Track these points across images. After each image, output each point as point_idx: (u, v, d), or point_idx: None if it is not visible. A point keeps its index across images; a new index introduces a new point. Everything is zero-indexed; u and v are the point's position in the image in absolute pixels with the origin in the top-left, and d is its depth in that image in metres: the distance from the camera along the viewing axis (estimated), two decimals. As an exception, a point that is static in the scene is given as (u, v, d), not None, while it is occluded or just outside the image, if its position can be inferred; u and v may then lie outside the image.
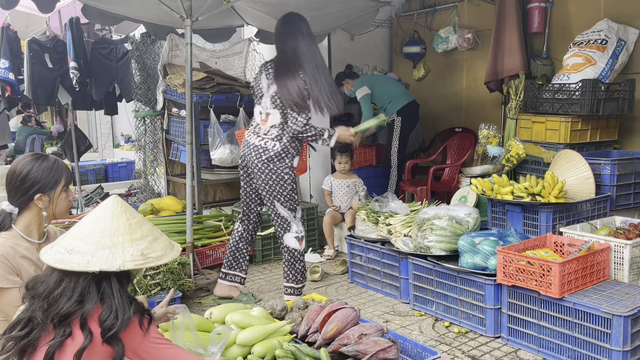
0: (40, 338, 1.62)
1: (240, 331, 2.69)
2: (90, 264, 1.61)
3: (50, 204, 2.21)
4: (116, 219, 1.69)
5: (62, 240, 1.68)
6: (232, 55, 5.99)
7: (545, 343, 2.98)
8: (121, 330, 1.63)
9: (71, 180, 2.30)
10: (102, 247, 1.64)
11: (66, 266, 1.60)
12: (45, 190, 2.18)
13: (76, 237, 1.66)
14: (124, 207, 1.73)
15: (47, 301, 1.62)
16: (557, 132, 4.25)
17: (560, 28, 5.06)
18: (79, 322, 1.61)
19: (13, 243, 2.18)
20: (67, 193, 2.28)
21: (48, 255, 1.64)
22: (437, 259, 3.53)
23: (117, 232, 1.67)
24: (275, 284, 4.34)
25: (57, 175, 2.20)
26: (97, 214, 1.72)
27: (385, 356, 2.56)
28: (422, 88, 6.63)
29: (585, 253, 3.03)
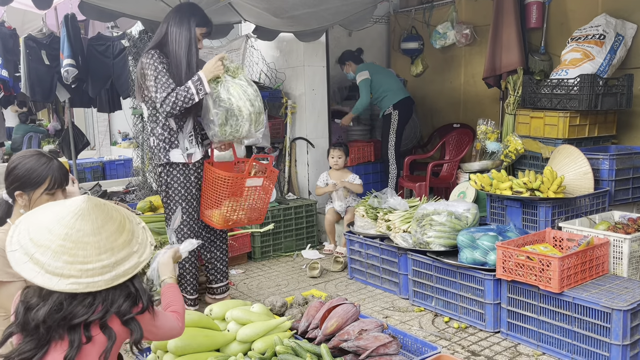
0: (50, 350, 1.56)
1: (241, 327, 2.69)
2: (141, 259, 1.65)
3: (29, 204, 2.13)
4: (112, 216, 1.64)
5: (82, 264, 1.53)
6: (230, 52, 5.96)
7: (544, 337, 2.99)
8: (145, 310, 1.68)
9: (61, 184, 2.19)
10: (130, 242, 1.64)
11: (127, 276, 1.60)
12: (25, 189, 2.12)
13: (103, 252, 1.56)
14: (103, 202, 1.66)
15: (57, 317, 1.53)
16: (556, 128, 4.25)
17: (558, 23, 5.05)
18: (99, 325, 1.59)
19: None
20: (52, 196, 2.16)
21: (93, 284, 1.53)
22: (436, 254, 3.53)
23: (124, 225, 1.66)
24: (275, 281, 4.34)
25: (39, 177, 2.12)
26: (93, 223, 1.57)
27: (385, 351, 2.56)
28: (420, 84, 6.62)
29: (585, 248, 3.04)
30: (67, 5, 5.61)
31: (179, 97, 3.19)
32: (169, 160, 3.35)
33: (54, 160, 2.20)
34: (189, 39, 3.30)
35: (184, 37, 3.29)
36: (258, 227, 4.86)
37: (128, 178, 8.00)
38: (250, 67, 5.98)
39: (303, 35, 5.31)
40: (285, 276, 4.46)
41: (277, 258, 4.97)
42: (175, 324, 1.91)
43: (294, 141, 5.69)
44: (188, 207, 3.44)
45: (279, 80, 5.78)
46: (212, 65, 3.21)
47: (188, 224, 3.46)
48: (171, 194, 3.42)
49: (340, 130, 6.44)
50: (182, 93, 3.19)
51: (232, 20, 5.27)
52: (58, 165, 2.20)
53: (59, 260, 1.51)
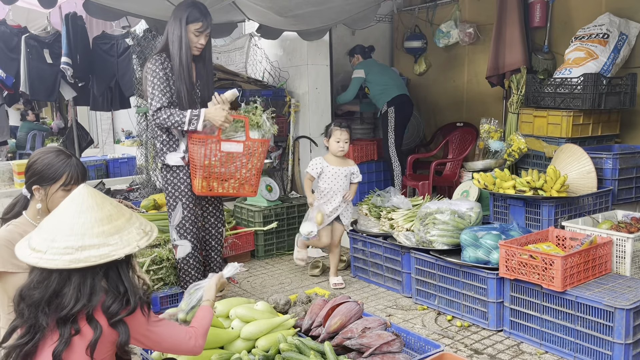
0: (42, 340, 1.61)
1: (245, 325, 2.71)
2: (112, 253, 1.61)
3: (45, 198, 2.20)
4: (102, 207, 1.68)
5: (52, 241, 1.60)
6: (234, 51, 5.99)
7: (547, 336, 3.00)
8: (134, 311, 1.66)
9: (78, 181, 2.25)
10: (110, 235, 1.64)
11: (87, 262, 1.58)
12: (42, 183, 2.18)
13: (74, 234, 1.61)
14: (100, 194, 1.74)
15: (49, 304, 1.59)
16: (559, 127, 4.25)
17: (561, 22, 5.05)
18: (86, 317, 1.61)
19: (22, 230, 2.19)
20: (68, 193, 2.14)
21: (50, 260, 1.58)
22: (439, 253, 3.54)
23: (112, 218, 1.67)
24: (278, 279, 4.36)
25: (57, 173, 2.19)
26: (77, 206, 1.66)
27: (388, 349, 2.57)
28: (423, 83, 6.63)
29: (588, 247, 3.04)
30: (71, 4, 5.63)
31: (171, 118, 3.24)
32: (164, 162, 3.42)
33: (72, 157, 2.26)
34: (180, 36, 3.28)
35: (176, 36, 3.28)
36: (261, 225, 4.87)
37: (131, 176, 8.01)
38: (254, 66, 6.00)
39: (307, 34, 5.33)
40: (289, 274, 4.48)
41: (280, 256, 4.98)
42: (183, 337, 1.88)
43: (297, 140, 5.71)
44: (189, 203, 3.47)
45: (282, 78, 5.79)
46: (216, 114, 3.24)
47: (189, 219, 3.48)
48: (171, 191, 3.47)
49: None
50: (175, 117, 3.23)
51: (235, 19, 5.29)
52: (76, 162, 2.26)
53: (39, 236, 1.63)
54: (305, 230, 3.93)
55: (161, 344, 1.83)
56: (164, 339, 1.82)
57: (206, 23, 3.34)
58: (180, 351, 1.91)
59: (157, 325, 1.80)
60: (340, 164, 4.03)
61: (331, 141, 3.97)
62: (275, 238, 4.98)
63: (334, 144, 3.97)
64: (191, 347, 1.89)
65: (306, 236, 3.94)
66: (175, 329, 1.87)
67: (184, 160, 3.40)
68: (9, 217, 2.31)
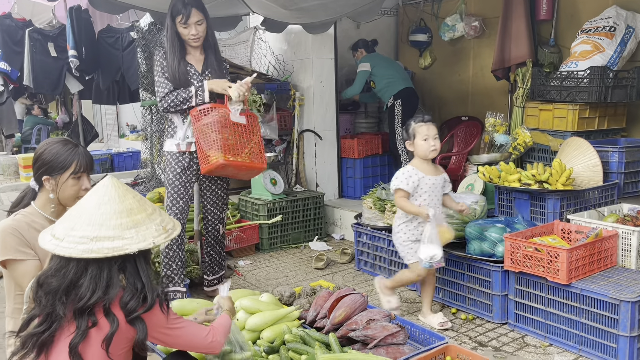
0: (59, 331, 1.60)
1: (250, 316, 2.72)
2: (125, 246, 1.60)
3: (56, 188, 2.22)
4: (124, 199, 1.67)
5: (72, 229, 1.62)
6: (238, 44, 5.98)
7: (552, 329, 3.00)
8: (151, 308, 1.64)
9: (87, 169, 2.27)
10: (127, 228, 1.62)
11: (100, 254, 1.57)
12: (52, 173, 2.19)
13: (91, 224, 1.61)
14: (124, 186, 1.73)
15: (66, 294, 1.59)
16: (565, 120, 4.24)
17: (568, 15, 5.02)
18: (103, 310, 1.59)
19: (29, 220, 2.21)
20: (78, 180, 2.25)
21: (65, 248, 1.59)
22: (444, 246, 3.53)
23: (132, 212, 1.66)
24: (283, 272, 4.37)
25: (65, 162, 2.20)
26: (99, 197, 1.66)
27: (393, 341, 2.58)
28: (428, 76, 6.61)
29: (593, 240, 3.04)
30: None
31: (178, 96, 3.35)
32: (162, 148, 3.58)
33: (79, 146, 2.28)
34: (167, 30, 3.41)
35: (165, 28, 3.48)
36: (266, 218, 4.88)
37: (136, 170, 8.04)
38: (259, 59, 5.99)
39: (311, 27, 5.31)
40: (293, 267, 4.49)
41: (285, 249, 4.99)
42: (201, 335, 1.86)
43: (301, 133, 5.70)
44: (173, 192, 3.51)
45: (287, 72, 5.78)
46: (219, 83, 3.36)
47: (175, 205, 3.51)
48: (164, 178, 3.63)
49: (348, 123, 6.45)
50: (182, 94, 3.35)
51: (240, 12, 5.27)
52: (83, 151, 2.27)
53: (62, 224, 1.65)
54: (427, 253, 2.95)
55: (180, 342, 1.81)
56: (183, 337, 1.80)
57: (186, 14, 3.31)
58: (198, 348, 1.89)
59: (177, 323, 1.78)
60: (434, 171, 3.19)
61: (417, 142, 3.12)
62: (279, 231, 4.99)
63: (421, 145, 3.10)
64: (208, 344, 1.87)
65: (429, 262, 2.98)
66: (195, 327, 1.85)
67: (178, 147, 3.46)
68: (17, 209, 2.32)
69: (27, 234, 2.17)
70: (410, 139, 3.19)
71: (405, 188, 3.10)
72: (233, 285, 4.07)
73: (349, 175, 5.92)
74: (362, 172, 5.82)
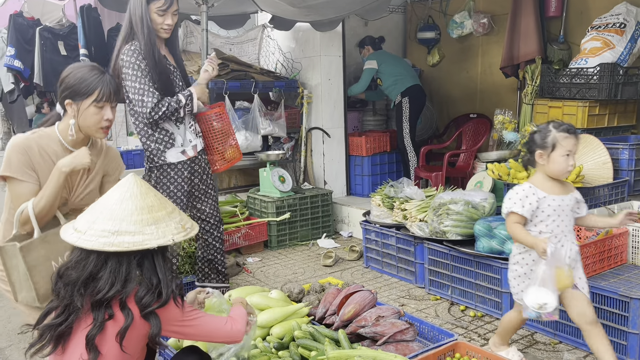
0: (76, 323, 1.62)
1: (260, 313, 2.73)
2: (145, 242, 1.61)
3: (77, 114, 2.18)
4: (146, 196, 1.69)
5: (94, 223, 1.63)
6: (246, 42, 6.00)
7: (561, 326, 2.99)
8: (165, 304, 1.65)
9: (111, 99, 2.20)
10: (147, 224, 1.64)
11: (120, 247, 1.58)
12: (74, 98, 2.16)
13: (113, 218, 1.62)
14: (146, 185, 1.75)
15: (84, 286, 1.61)
16: (575, 117, 4.22)
17: (577, 12, 5.00)
18: (119, 303, 1.61)
19: (44, 142, 2.20)
20: (101, 110, 2.19)
21: (87, 241, 1.60)
22: (452, 243, 3.53)
23: (152, 209, 1.68)
24: (291, 269, 4.38)
25: (89, 88, 2.16)
26: (121, 194, 1.68)
27: (402, 338, 2.59)
28: (436, 74, 6.59)
29: (603, 237, 3.03)
30: (85, -4, 5.67)
31: (170, 107, 3.05)
32: (165, 161, 3.17)
33: (106, 74, 2.22)
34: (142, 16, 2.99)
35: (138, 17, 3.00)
36: (274, 216, 4.89)
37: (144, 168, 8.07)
38: (267, 57, 6.00)
39: (319, 24, 5.32)
40: (302, 264, 4.50)
41: (293, 247, 5.01)
42: (219, 323, 1.86)
43: (309, 131, 5.71)
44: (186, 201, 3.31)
45: (295, 70, 5.79)
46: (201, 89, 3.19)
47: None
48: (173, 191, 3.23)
49: (356, 121, 6.45)
50: (173, 104, 3.06)
51: (248, 10, 5.29)
52: (109, 79, 2.22)
53: (83, 218, 1.67)
54: (536, 299, 2.31)
55: (200, 332, 1.81)
56: (201, 327, 1.80)
57: (169, 1, 3.03)
58: (220, 337, 1.88)
59: (193, 315, 1.78)
60: (561, 189, 2.49)
61: (554, 156, 2.40)
62: (288, 229, 5.01)
63: (559, 161, 2.39)
64: (229, 331, 1.86)
65: (536, 311, 2.33)
66: (212, 317, 1.86)
67: (185, 154, 3.20)
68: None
69: (35, 156, 2.16)
70: (545, 149, 2.41)
71: (520, 212, 2.43)
72: (242, 282, 4.09)
73: (357, 173, 5.92)
74: (370, 170, 5.83)
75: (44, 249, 2.11)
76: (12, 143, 2.15)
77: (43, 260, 2.10)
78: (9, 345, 3.21)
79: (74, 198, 2.32)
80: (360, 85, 5.76)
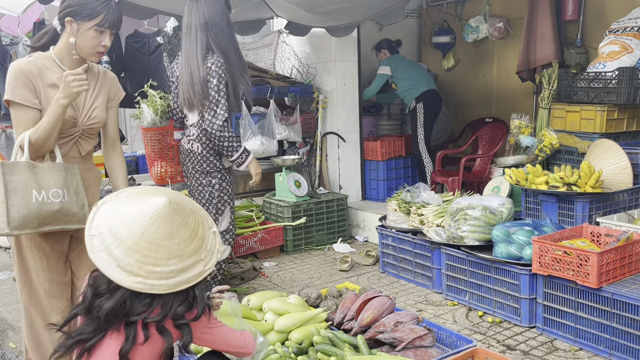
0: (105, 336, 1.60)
1: (278, 318, 2.75)
2: (206, 268, 1.61)
3: (75, 34, 2.19)
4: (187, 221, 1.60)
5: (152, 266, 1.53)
6: (262, 48, 6.03)
7: (582, 333, 2.96)
8: (199, 318, 1.66)
9: (112, 26, 2.22)
10: (198, 250, 1.61)
11: (190, 284, 1.57)
12: (76, 17, 2.17)
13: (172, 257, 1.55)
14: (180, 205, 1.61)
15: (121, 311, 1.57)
16: (593, 122, 4.18)
17: (595, 15, 4.96)
18: (156, 327, 1.60)
19: (42, 65, 2.22)
20: (100, 34, 2.21)
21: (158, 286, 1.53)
22: (470, 248, 3.52)
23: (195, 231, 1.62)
24: (307, 274, 4.39)
25: (94, 10, 2.16)
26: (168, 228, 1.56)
27: (421, 344, 2.58)
28: (451, 78, 6.58)
29: (624, 243, 3.00)
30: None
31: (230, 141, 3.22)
32: (223, 167, 3.39)
33: (112, 1, 2.24)
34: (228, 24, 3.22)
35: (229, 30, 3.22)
36: (290, 220, 4.91)
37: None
38: (282, 63, 6.03)
39: (335, 30, 5.34)
40: (318, 269, 4.51)
41: (309, 251, 5.02)
42: (235, 333, 1.88)
43: (325, 136, 5.73)
44: (233, 206, 3.48)
45: (310, 75, 5.81)
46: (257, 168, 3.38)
47: (234, 221, 3.50)
48: (222, 196, 3.41)
49: (371, 125, 6.45)
50: (233, 142, 3.23)
51: (264, 16, 5.32)
52: (115, 6, 2.24)
53: (131, 258, 1.51)
54: None
55: (218, 340, 1.83)
56: (220, 336, 1.83)
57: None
58: (234, 347, 1.89)
59: (214, 323, 1.81)
60: None
61: None
62: (304, 233, 5.02)
63: None
64: (242, 342, 1.89)
65: None
66: (230, 331, 1.89)
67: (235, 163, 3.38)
68: (37, 46, 2.33)
69: (35, 80, 2.18)
70: None
71: None
72: (259, 286, 4.11)
73: (372, 178, 5.92)
74: (385, 174, 5.83)
75: (27, 175, 2.09)
76: (13, 67, 2.17)
77: (24, 186, 2.07)
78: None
79: (83, 118, 2.33)
80: (371, 90, 5.80)
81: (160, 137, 3.81)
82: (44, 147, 2.18)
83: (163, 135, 3.82)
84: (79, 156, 2.38)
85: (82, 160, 2.40)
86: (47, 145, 2.18)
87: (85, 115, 2.34)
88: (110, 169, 2.58)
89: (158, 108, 3.72)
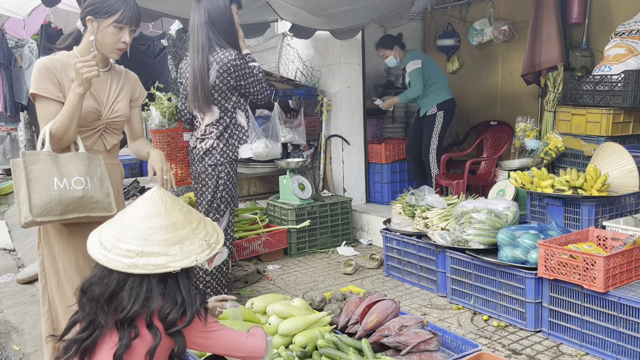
0: (101, 338, 1.60)
1: (282, 321, 2.74)
2: (169, 264, 1.58)
3: (96, 31, 2.25)
4: (171, 212, 1.65)
5: (117, 241, 1.61)
6: (266, 50, 6.04)
7: (588, 337, 2.94)
8: (189, 323, 1.63)
9: (131, 23, 2.28)
10: (171, 244, 1.61)
11: (144, 270, 1.57)
12: (96, 15, 2.23)
13: (137, 237, 1.60)
14: (172, 199, 1.70)
15: (107, 303, 1.59)
16: (598, 125, 4.17)
17: (600, 18, 4.94)
18: (145, 322, 1.59)
19: (65, 61, 2.28)
20: (120, 31, 2.27)
21: (113, 261, 1.58)
22: (475, 252, 3.50)
23: (177, 226, 1.64)
24: (311, 277, 4.38)
25: (112, 7, 2.23)
26: (146, 210, 1.64)
27: (426, 348, 2.56)
28: (456, 81, 6.55)
29: (631, 247, 2.97)
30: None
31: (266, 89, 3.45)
32: (237, 157, 3.39)
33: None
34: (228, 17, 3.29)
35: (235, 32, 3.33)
36: (294, 223, 4.90)
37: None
38: (287, 65, 6.04)
39: (339, 33, 5.33)
40: (322, 272, 4.49)
41: (313, 254, 5.00)
42: (241, 336, 1.83)
43: (329, 138, 5.72)
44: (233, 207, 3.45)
45: (314, 78, 5.81)
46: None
47: (233, 224, 3.48)
48: (223, 194, 3.38)
49: (375, 128, 6.44)
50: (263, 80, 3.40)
51: (269, 19, 5.33)
52: (133, 3, 2.30)
53: (109, 233, 1.63)
54: None
55: (220, 345, 1.78)
56: (222, 340, 1.78)
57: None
58: (240, 351, 1.83)
59: (214, 327, 1.76)
60: None
61: None
62: (308, 236, 5.01)
63: None
64: (250, 346, 1.82)
65: None
66: (232, 330, 1.83)
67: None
68: (62, 47, 2.40)
69: (59, 74, 2.25)
70: None
71: None
72: (263, 289, 4.10)
73: (376, 181, 5.91)
74: (389, 177, 5.81)
75: (49, 164, 2.13)
76: (38, 63, 2.24)
77: (45, 174, 2.11)
78: (34, 350, 3.25)
79: (106, 112, 2.39)
80: (414, 90, 5.31)
81: (169, 139, 3.81)
82: (64, 138, 2.22)
83: (172, 137, 3.81)
84: (104, 150, 2.43)
85: (108, 155, 2.44)
86: (67, 136, 2.22)
87: (109, 109, 2.40)
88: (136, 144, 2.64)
89: (166, 110, 3.71)
